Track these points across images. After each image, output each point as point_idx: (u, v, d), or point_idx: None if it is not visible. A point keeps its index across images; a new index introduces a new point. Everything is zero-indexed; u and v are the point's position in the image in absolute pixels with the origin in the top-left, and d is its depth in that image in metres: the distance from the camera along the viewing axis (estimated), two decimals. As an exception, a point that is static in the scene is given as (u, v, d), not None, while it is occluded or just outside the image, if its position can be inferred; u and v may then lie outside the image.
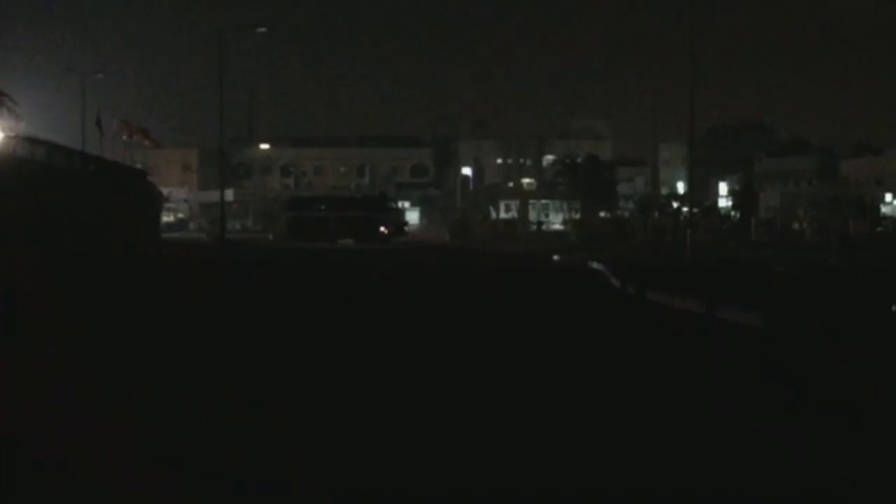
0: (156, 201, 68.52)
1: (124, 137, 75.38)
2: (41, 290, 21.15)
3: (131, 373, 11.55)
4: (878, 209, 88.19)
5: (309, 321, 17.80)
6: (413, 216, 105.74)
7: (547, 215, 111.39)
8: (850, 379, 11.79)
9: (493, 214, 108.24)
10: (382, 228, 72.48)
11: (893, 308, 17.73)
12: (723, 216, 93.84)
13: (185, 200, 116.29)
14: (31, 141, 40.81)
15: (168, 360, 12.69)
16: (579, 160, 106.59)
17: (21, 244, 23.78)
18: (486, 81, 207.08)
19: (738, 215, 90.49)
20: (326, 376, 11.68)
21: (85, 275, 26.61)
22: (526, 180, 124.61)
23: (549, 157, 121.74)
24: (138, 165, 71.41)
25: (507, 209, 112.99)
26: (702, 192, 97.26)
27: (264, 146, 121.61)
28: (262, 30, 74.38)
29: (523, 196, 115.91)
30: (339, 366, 12.46)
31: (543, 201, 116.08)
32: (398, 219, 78.63)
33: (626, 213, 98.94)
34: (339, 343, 14.70)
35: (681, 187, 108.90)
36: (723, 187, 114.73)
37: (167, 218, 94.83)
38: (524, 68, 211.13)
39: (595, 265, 34.61)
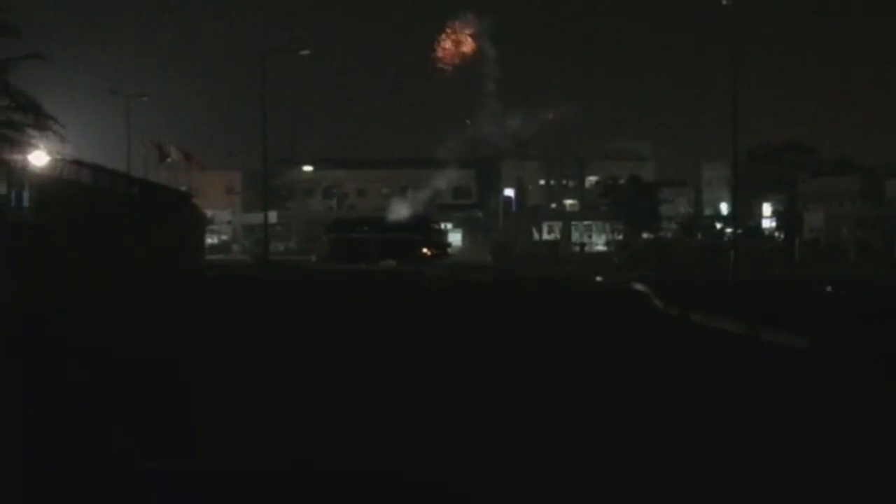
0: (200, 223, 68.98)
1: (168, 159, 75.71)
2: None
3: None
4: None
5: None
6: (455, 237, 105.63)
7: (590, 236, 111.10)
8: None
9: (536, 235, 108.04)
10: (425, 250, 72.41)
11: None
12: (766, 237, 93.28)
13: (229, 222, 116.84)
14: (77, 164, 41.14)
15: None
16: (622, 181, 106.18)
17: (69, 266, 24.00)
18: (529, 102, 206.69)
19: (781, 236, 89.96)
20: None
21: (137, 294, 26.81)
22: (569, 201, 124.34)
23: (592, 179, 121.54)
24: (182, 188, 71.77)
25: (550, 230, 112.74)
26: (745, 213, 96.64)
27: (307, 168, 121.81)
28: (306, 52, 74.07)
29: (566, 217, 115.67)
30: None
31: (586, 222, 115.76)
32: (440, 240, 78.58)
33: (670, 234, 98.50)
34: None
35: (724, 208, 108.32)
36: (766, 208, 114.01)
37: (211, 240, 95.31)
38: (567, 90, 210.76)
39: (638, 286, 34.56)
